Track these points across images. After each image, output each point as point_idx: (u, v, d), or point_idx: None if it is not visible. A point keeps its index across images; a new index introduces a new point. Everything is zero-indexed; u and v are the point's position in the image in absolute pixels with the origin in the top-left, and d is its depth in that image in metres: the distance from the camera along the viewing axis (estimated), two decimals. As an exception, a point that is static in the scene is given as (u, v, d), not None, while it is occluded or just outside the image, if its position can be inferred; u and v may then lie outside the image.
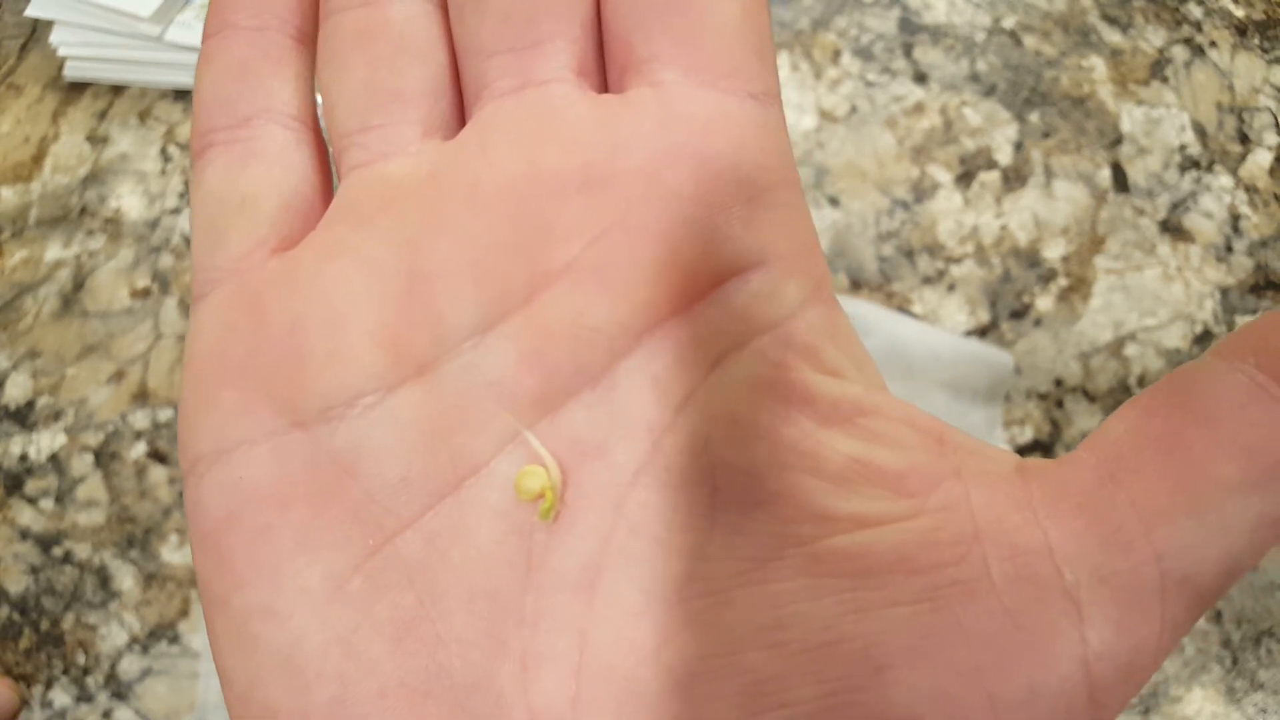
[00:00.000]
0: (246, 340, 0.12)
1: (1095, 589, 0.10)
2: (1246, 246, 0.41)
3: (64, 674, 0.35)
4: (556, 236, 0.11)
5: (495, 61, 0.12)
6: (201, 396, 0.12)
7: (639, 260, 0.11)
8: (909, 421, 0.11)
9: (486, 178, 0.12)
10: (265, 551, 0.11)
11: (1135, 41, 0.45)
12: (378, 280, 0.12)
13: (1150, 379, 0.39)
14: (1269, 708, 0.34)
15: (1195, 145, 0.43)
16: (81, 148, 0.43)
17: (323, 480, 0.11)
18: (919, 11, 0.46)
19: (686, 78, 0.12)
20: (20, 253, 0.41)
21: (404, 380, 0.11)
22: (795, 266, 0.12)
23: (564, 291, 0.11)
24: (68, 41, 0.43)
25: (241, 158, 0.13)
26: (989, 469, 0.11)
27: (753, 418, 0.11)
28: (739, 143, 0.12)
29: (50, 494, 0.37)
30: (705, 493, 0.11)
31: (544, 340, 0.11)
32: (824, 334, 0.11)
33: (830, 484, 0.10)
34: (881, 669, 0.10)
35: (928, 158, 0.43)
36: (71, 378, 0.39)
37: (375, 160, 0.12)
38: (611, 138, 0.12)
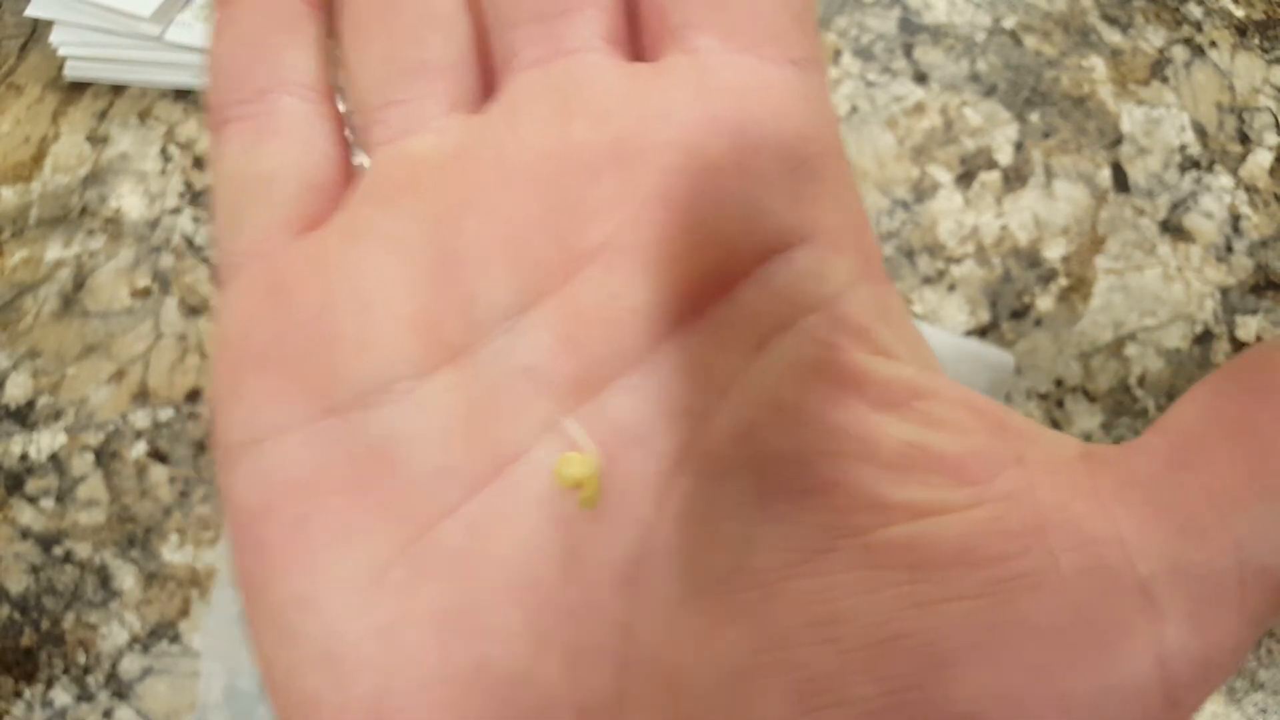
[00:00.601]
0: (273, 325, 0.11)
1: (1170, 581, 0.09)
2: (1247, 246, 0.41)
3: (64, 673, 0.35)
4: (590, 213, 0.11)
5: (522, 31, 0.11)
6: (231, 384, 0.11)
7: (677, 238, 0.11)
8: (967, 405, 0.10)
9: (515, 153, 0.11)
10: (302, 542, 0.11)
11: (1135, 41, 0.45)
12: (407, 262, 0.11)
13: (1150, 379, 0.39)
14: (1269, 708, 0.34)
15: (1195, 145, 0.43)
16: (82, 147, 0.43)
17: (359, 469, 0.11)
18: (919, 11, 0.46)
19: (723, 44, 0.11)
20: (20, 252, 0.41)
21: (438, 365, 0.11)
22: (843, 242, 0.11)
23: (599, 272, 0.11)
24: (68, 41, 0.43)
25: (259, 134, 0.12)
26: (1053, 455, 0.10)
27: (801, 402, 0.10)
28: (780, 111, 0.11)
29: (51, 493, 0.37)
30: (752, 481, 0.10)
31: (580, 323, 0.11)
32: (875, 313, 0.11)
33: (885, 471, 0.10)
34: (944, 666, 0.09)
35: (928, 158, 0.43)
36: (72, 377, 0.39)
37: (400, 137, 0.12)
38: (645, 109, 0.11)
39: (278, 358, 0.11)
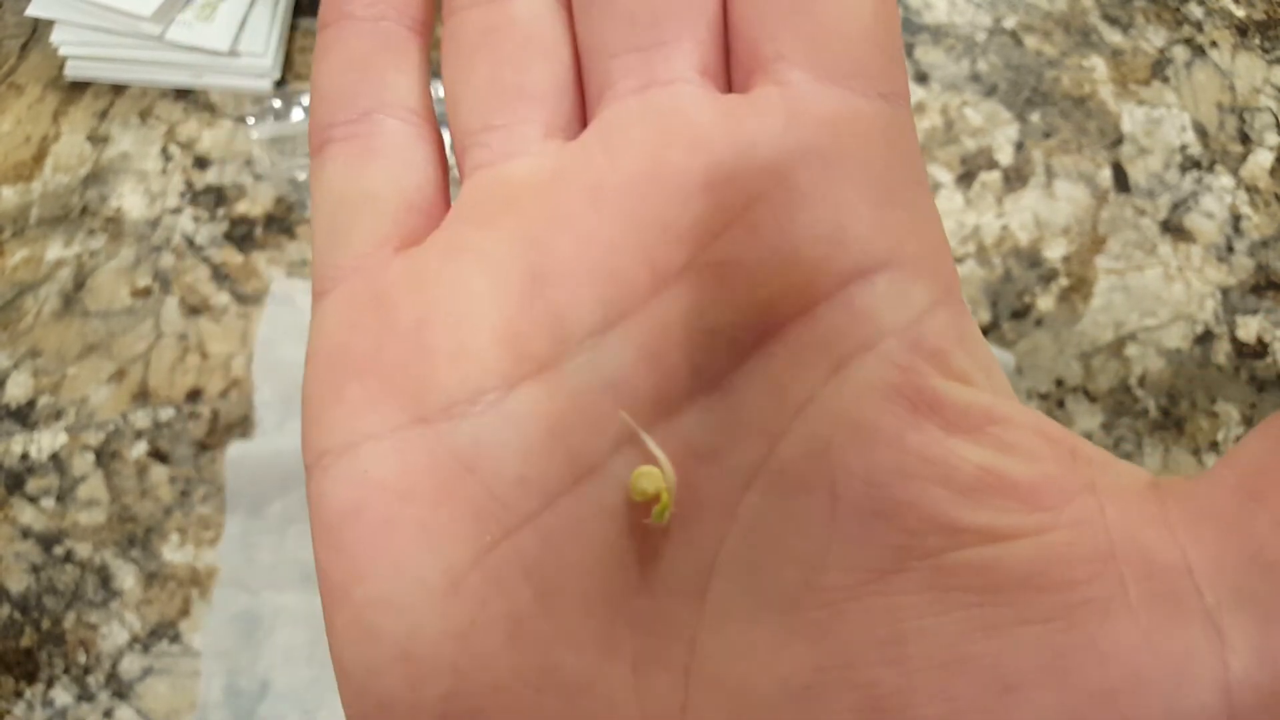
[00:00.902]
0: (372, 337, 0.12)
1: (1237, 610, 0.09)
2: (1247, 246, 0.41)
3: (65, 673, 0.35)
4: (679, 236, 0.11)
5: (619, 61, 0.12)
6: (327, 391, 0.12)
7: (761, 260, 0.11)
8: (1040, 432, 0.11)
9: (609, 177, 0.12)
10: (387, 544, 0.11)
11: (1136, 41, 0.45)
12: (501, 279, 0.11)
13: (1151, 379, 0.39)
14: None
15: (1196, 145, 0.43)
16: (82, 147, 0.43)
17: (444, 476, 0.11)
18: (920, 11, 0.46)
19: (814, 77, 0.11)
20: (21, 252, 0.41)
21: (524, 378, 0.11)
22: (923, 268, 0.11)
23: (684, 291, 0.11)
24: (68, 41, 0.43)
25: (362, 154, 0.13)
26: (1123, 484, 0.10)
27: (876, 423, 0.10)
28: (867, 143, 0.11)
29: (51, 493, 0.37)
30: (824, 499, 0.10)
31: (663, 341, 0.11)
32: (953, 338, 0.11)
33: (958, 494, 0.10)
34: (1011, 689, 0.09)
35: (929, 157, 0.43)
36: (72, 377, 0.39)
37: (498, 160, 0.12)
38: (736, 137, 0.11)
39: (377, 367, 0.12)
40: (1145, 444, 0.38)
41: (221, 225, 0.42)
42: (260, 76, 0.44)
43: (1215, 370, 0.39)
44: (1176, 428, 0.38)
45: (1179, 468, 0.37)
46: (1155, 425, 0.38)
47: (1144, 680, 0.09)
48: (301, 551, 0.36)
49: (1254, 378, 0.39)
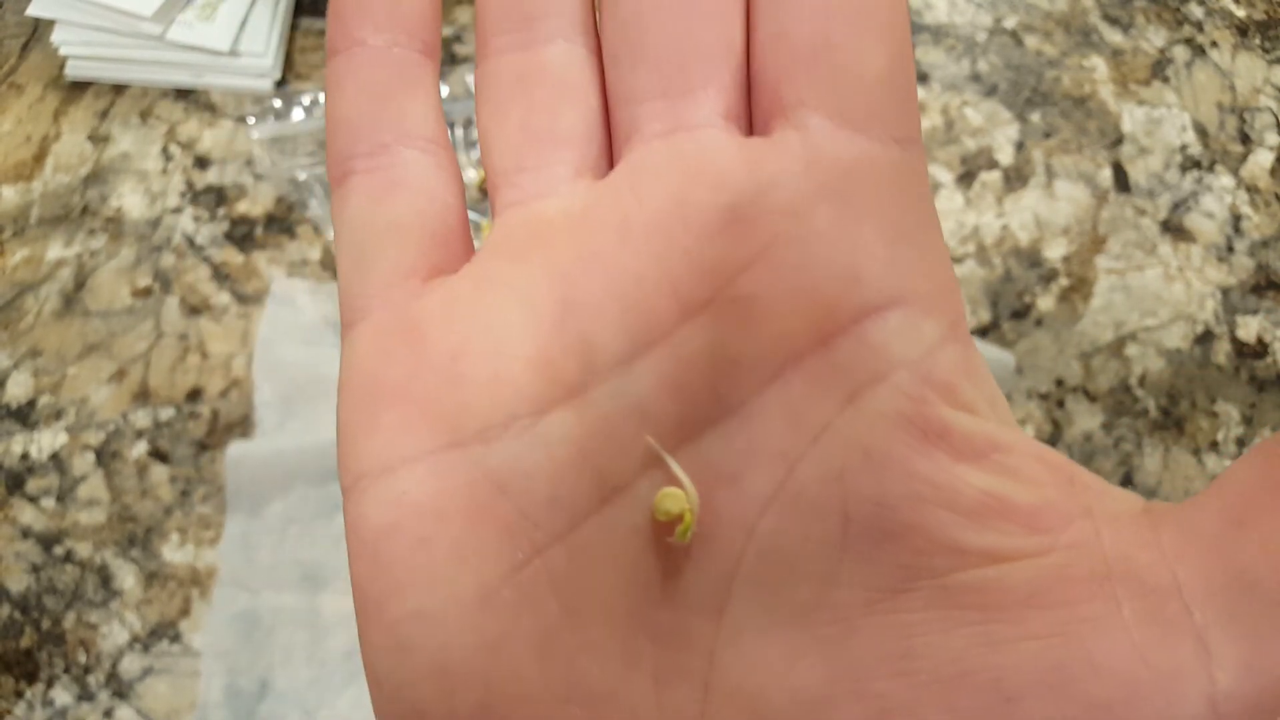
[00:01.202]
0: (407, 365, 0.12)
1: (1224, 629, 0.10)
2: (1247, 246, 0.41)
3: (65, 673, 0.35)
4: (702, 271, 0.12)
5: (647, 107, 0.13)
6: (363, 418, 0.12)
7: (781, 295, 0.11)
8: (1041, 459, 0.11)
9: (636, 215, 0.12)
10: (423, 560, 0.11)
11: (1136, 41, 0.45)
12: (532, 310, 0.12)
13: (1151, 379, 0.39)
14: (1270, 708, 0.34)
15: (1196, 145, 0.43)
16: (83, 147, 0.44)
17: (478, 497, 0.12)
18: (920, 11, 0.46)
19: (832, 122, 0.12)
20: (21, 252, 0.41)
21: (555, 404, 0.12)
22: (934, 306, 0.12)
23: (707, 323, 0.12)
24: (69, 41, 0.44)
25: (385, 187, 0.13)
26: (1118, 509, 0.11)
27: (887, 450, 0.11)
28: (883, 185, 0.12)
29: (51, 493, 0.37)
30: (837, 522, 0.11)
31: (687, 370, 0.12)
32: (960, 372, 0.12)
33: (964, 518, 0.11)
34: (1012, 700, 0.10)
35: (929, 158, 0.43)
36: (73, 377, 0.39)
37: (529, 199, 0.13)
38: (758, 178, 0.12)
39: (411, 394, 0.12)
40: (1145, 444, 0.38)
41: (222, 225, 0.42)
42: (260, 76, 0.44)
43: (1215, 370, 0.39)
44: (1176, 428, 0.38)
45: (1179, 467, 0.37)
46: (1155, 425, 0.38)
47: (1137, 693, 0.10)
48: (301, 551, 0.36)
49: (1254, 378, 0.39)
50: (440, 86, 0.14)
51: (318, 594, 0.36)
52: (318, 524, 0.36)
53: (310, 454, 0.37)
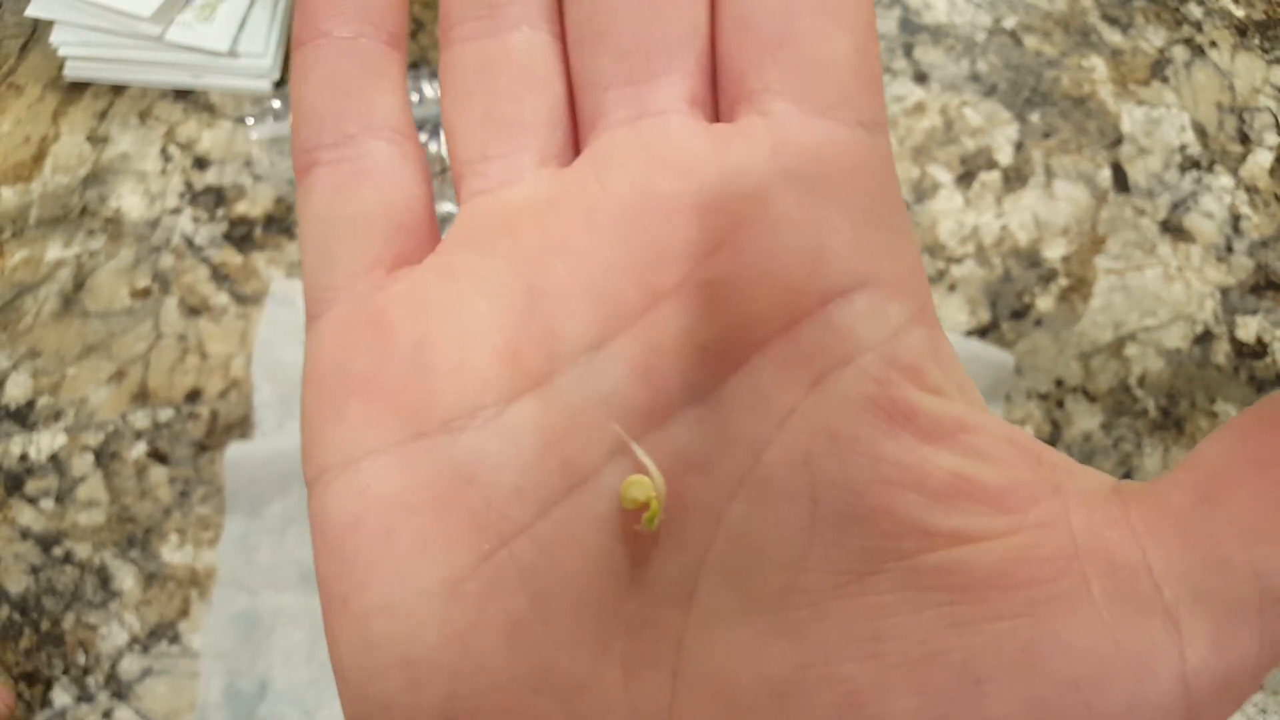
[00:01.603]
0: (372, 356, 0.12)
1: (1193, 606, 0.10)
2: (1247, 246, 0.41)
3: (64, 674, 0.35)
4: (668, 257, 0.12)
5: (612, 94, 0.13)
6: (327, 409, 0.12)
7: (747, 280, 0.11)
8: (1009, 440, 0.11)
9: (602, 202, 0.12)
10: (387, 553, 0.11)
11: (1136, 41, 0.45)
12: (498, 299, 0.12)
13: (1150, 379, 0.39)
14: (1269, 708, 0.34)
15: (1195, 145, 0.43)
16: (82, 147, 0.43)
17: (443, 487, 0.11)
18: (919, 11, 0.46)
19: (797, 107, 0.12)
20: (21, 252, 0.41)
21: (521, 393, 0.12)
22: (900, 288, 0.12)
23: (673, 309, 0.12)
24: (68, 41, 0.43)
25: (350, 177, 0.13)
26: (1087, 488, 0.11)
27: (854, 433, 0.11)
28: (848, 168, 0.12)
29: (50, 494, 0.37)
30: (805, 506, 0.11)
31: (653, 356, 0.11)
32: (927, 354, 0.12)
33: (931, 499, 0.10)
34: (980, 681, 0.10)
35: (928, 158, 0.43)
36: (72, 377, 0.39)
37: (495, 187, 0.13)
38: (723, 163, 0.12)
39: (376, 386, 0.12)
40: (1145, 444, 0.38)
41: (221, 226, 0.42)
42: (260, 77, 0.44)
43: (1215, 370, 0.39)
44: (1176, 428, 0.38)
45: (1179, 468, 0.37)
46: (1155, 425, 0.38)
47: (1107, 671, 0.10)
48: (301, 552, 0.36)
49: (1253, 378, 0.39)
50: (406, 79, 0.14)
51: (317, 594, 0.36)
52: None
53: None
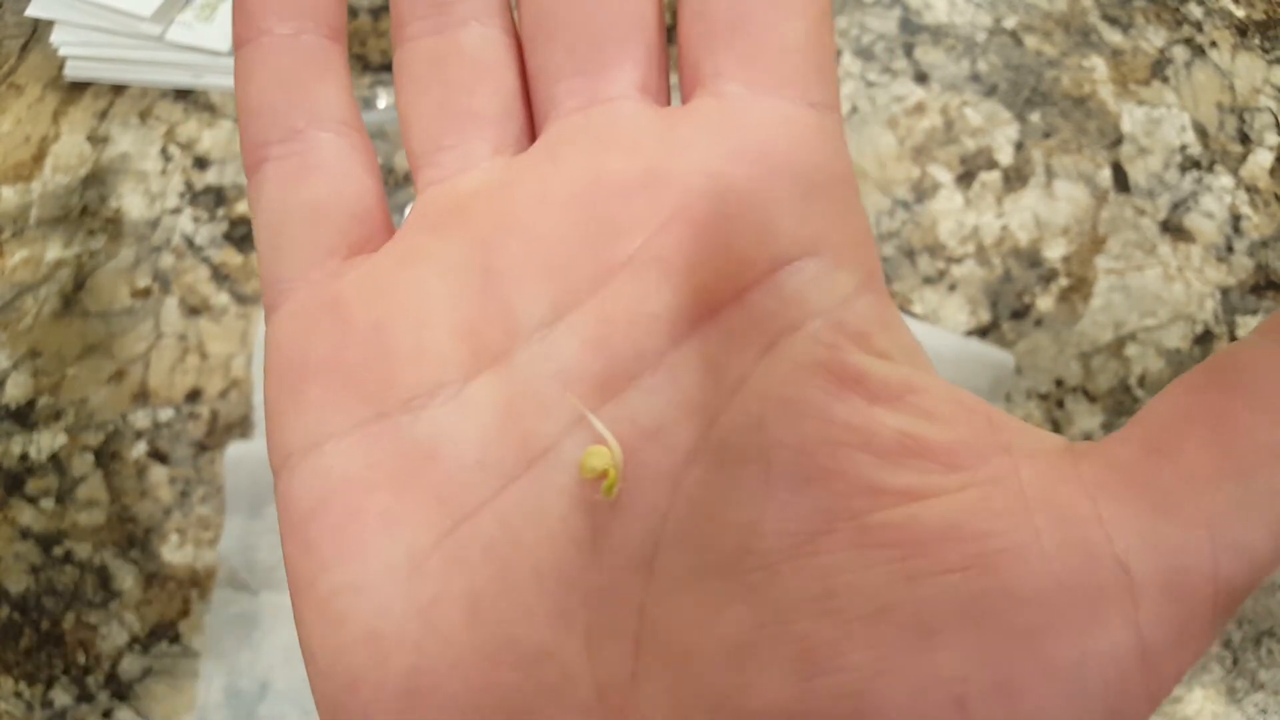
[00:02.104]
0: (331, 341, 0.12)
1: (1146, 555, 0.10)
2: (1247, 247, 0.41)
3: (64, 674, 0.35)
4: (620, 232, 0.12)
5: (564, 85, 0.13)
6: (289, 396, 0.12)
7: (697, 249, 0.12)
8: (957, 400, 0.11)
9: (554, 183, 0.13)
10: (352, 533, 0.12)
11: (1136, 41, 0.45)
12: (455, 280, 0.12)
13: (1151, 379, 0.39)
14: (1269, 708, 0.34)
15: (1196, 145, 0.43)
16: (82, 147, 0.43)
17: (406, 466, 0.12)
18: (920, 11, 0.46)
19: (748, 89, 0.12)
20: (21, 252, 0.41)
21: (480, 370, 0.12)
22: (848, 257, 0.12)
23: (626, 282, 0.12)
24: (68, 41, 0.43)
25: (300, 170, 0.13)
26: (1038, 446, 0.11)
27: (804, 397, 0.11)
28: (796, 142, 0.12)
29: (51, 494, 0.37)
30: (759, 470, 0.11)
31: (608, 328, 0.12)
32: (875, 321, 0.12)
33: (881, 459, 0.11)
34: (932, 634, 0.10)
35: (928, 158, 0.43)
36: (72, 377, 0.39)
37: (450, 176, 0.13)
38: (672, 141, 0.12)
39: (337, 369, 0.12)
40: (1145, 444, 0.38)
41: (221, 225, 0.42)
42: (260, 77, 0.44)
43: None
44: (1176, 428, 0.38)
45: (1179, 468, 0.37)
46: (1155, 425, 0.38)
47: (1059, 621, 0.10)
48: (301, 552, 0.36)
49: (1254, 378, 0.39)
50: (349, 71, 0.14)
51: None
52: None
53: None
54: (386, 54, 0.45)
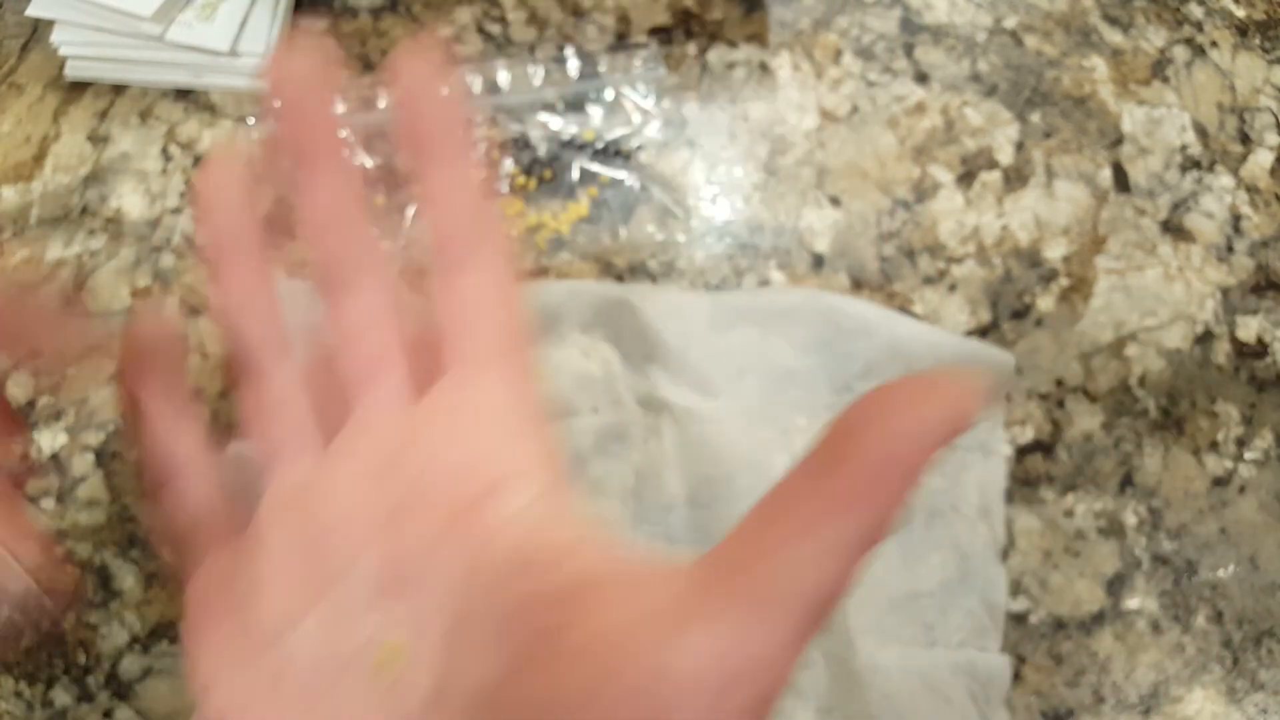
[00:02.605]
0: (220, 602, 0.19)
1: (718, 599, 0.13)
2: (1247, 246, 0.41)
3: (65, 674, 0.35)
4: (394, 509, 0.19)
5: (352, 391, 0.20)
6: (194, 644, 0.19)
7: (424, 501, 0.18)
8: (614, 554, 0.17)
9: (336, 479, 0.19)
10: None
11: (1136, 41, 0.45)
12: (291, 553, 0.19)
13: (1151, 379, 0.39)
14: (1269, 708, 0.34)
15: (1196, 145, 0.43)
16: (82, 147, 0.43)
17: (269, 686, 0.18)
18: (920, 11, 0.46)
19: (467, 369, 0.19)
20: (21, 252, 0.41)
21: (314, 606, 0.18)
22: (534, 476, 0.19)
23: (381, 539, 0.18)
24: (69, 41, 0.43)
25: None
26: (669, 569, 0.15)
27: (502, 582, 0.17)
28: (495, 403, 0.19)
29: (51, 493, 0.37)
30: (493, 637, 0.16)
31: (397, 574, 0.18)
32: (556, 518, 0.18)
33: (556, 604, 0.16)
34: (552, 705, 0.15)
35: (929, 158, 0.43)
36: (72, 377, 0.39)
37: (287, 471, 0.20)
38: (411, 424, 0.19)
39: (224, 624, 0.19)
40: (1145, 444, 0.38)
41: (221, 225, 0.42)
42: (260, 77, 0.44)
43: (1215, 370, 0.39)
44: (1176, 428, 0.38)
45: (1179, 467, 0.37)
46: (1155, 425, 0.38)
47: (639, 653, 0.13)
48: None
49: (1254, 378, 0.39)
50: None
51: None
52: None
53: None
54: (386, 54, 0.45)
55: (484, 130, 0.43)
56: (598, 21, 0.46)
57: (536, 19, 0.46)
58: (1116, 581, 0.35)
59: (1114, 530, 0.36)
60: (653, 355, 0.37)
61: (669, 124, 0.43)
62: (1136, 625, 0.35)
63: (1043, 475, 0.37)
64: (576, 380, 0.36)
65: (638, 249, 0.41)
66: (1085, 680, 0.34)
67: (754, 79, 0.45)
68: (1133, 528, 0.36)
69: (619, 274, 0.40)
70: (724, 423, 0.36)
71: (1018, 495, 0.37)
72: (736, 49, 0.45)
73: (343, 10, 0.47)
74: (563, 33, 0.46)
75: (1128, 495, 0.37)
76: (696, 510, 0.35)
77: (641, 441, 0.36)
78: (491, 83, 0.44)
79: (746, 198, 0.42)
